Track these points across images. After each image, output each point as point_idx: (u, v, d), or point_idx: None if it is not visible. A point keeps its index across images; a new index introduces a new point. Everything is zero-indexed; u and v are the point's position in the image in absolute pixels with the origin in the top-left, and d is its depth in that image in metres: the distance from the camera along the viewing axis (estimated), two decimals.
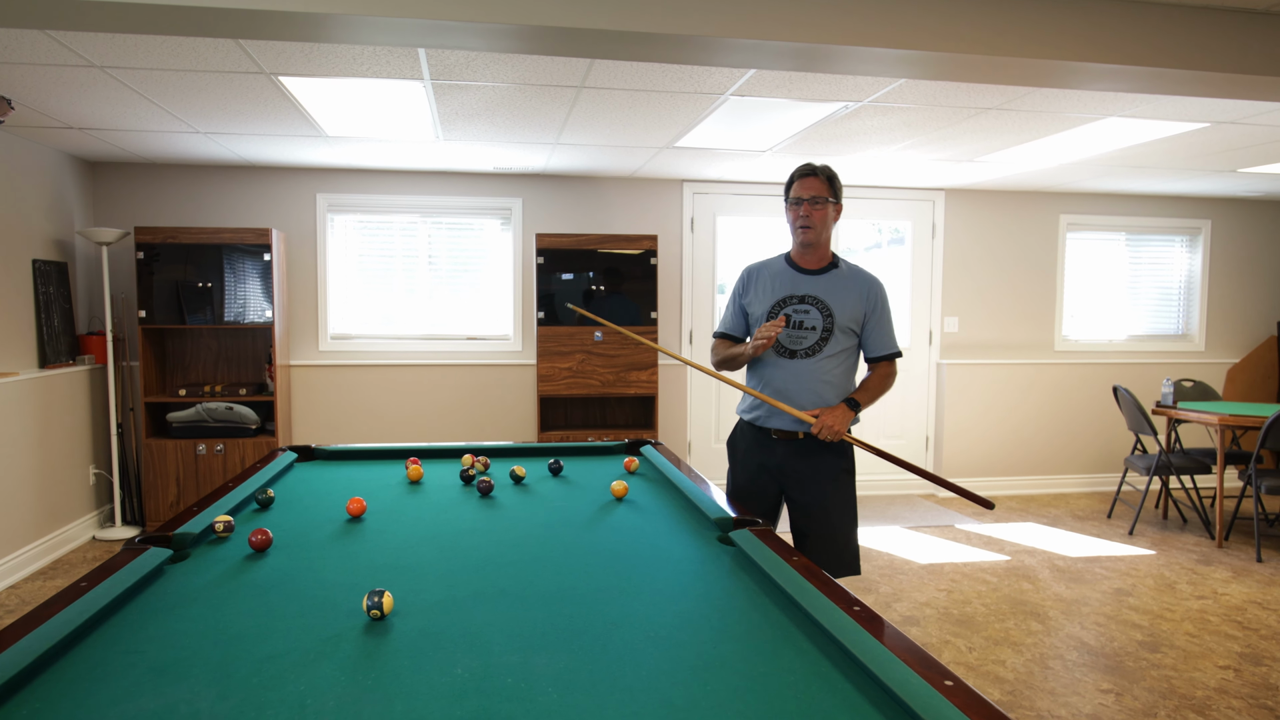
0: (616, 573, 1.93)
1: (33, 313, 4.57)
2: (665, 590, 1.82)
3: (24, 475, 4.37)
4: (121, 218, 5.32)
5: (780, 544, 2.02)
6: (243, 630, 1.58)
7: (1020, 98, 3.72)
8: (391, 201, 5.71)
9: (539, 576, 1.90)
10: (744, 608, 1.71)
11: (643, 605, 1.72)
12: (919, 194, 6.39)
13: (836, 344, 2.71)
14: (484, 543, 2.17)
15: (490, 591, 1.80)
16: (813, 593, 1.68)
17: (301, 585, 1.84)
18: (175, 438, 5.03)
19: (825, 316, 2.71)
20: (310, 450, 3.32)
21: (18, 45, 2.97)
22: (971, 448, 6.41)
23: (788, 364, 2.72)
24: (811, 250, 2.80)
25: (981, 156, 5.08)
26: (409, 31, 2.48)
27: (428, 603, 1.73)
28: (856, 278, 2.79)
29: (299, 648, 1.50)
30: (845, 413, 2.63)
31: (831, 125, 4.27)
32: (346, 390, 5.69)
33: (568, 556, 2.06)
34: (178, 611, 1.68)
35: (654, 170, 5.65)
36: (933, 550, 4.91)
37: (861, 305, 2.74)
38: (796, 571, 1.80)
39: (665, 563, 2.01)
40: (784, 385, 2.71)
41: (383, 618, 1.63)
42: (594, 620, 1.64)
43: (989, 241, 6.51)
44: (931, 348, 6.52)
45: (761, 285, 2.84)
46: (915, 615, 3.88)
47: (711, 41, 2.57)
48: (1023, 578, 4.42)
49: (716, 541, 2.18)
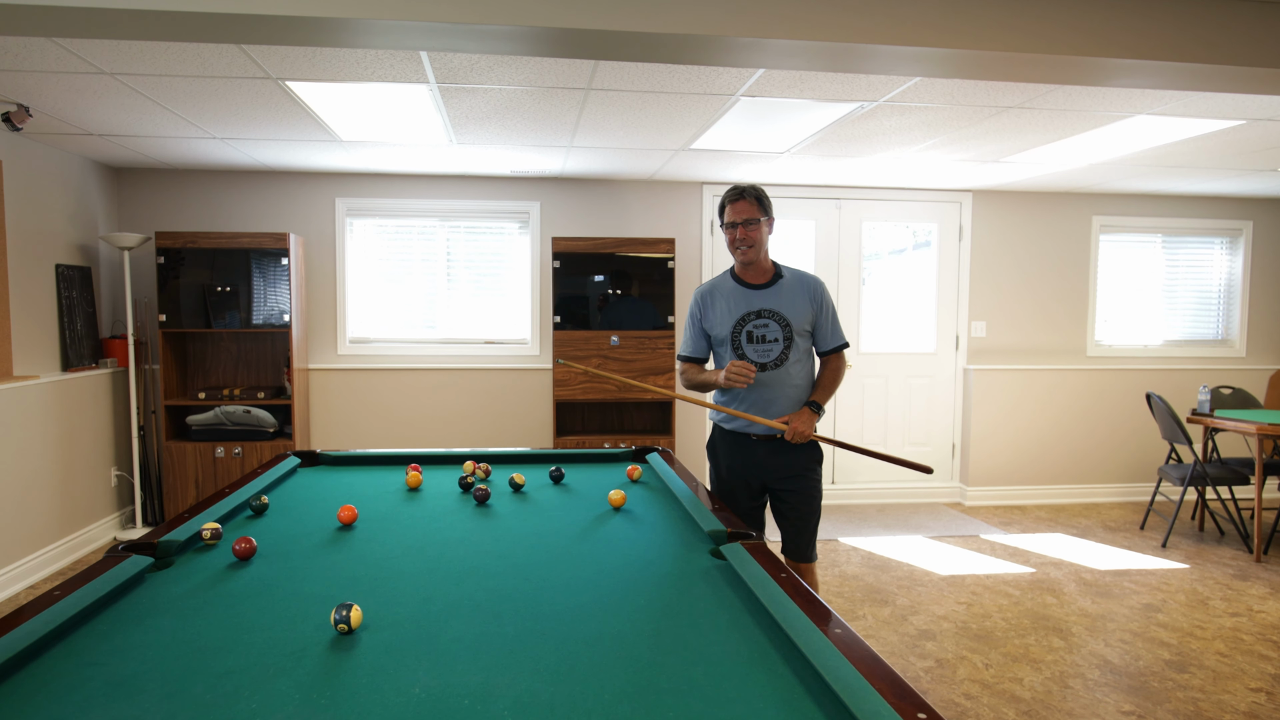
0: (599, 587, 1.88)
1: (55, 316, 4.64)
2: (646, 607, 1.76)
3: (46, 476, 4.44)
4: (145, 222, 5.39)
5: (770, 559, 1.95)
6: (207, 643, 1.55)
7: (1041, 95, 3.60)
8: (410, 205, 5.72)
9: (518, 590, 1.85)
10: (724, 627, 1.65)
11: (619, 623, 1.66)
12: (945, 195, 6.25)
13: (797, 349, 2.96)
14: (469, 553, 2.13)
15: (466, 605, 1.75)
16: (795, 613, 1.61)
17: (277, 596, 1.81)
18: (194, 440, 5.08)
19: (784, 327, 2.94)
20: (315, 455, 3.32)
21: (26, 53, 3.01)
22: (999, 455, 6.25)
23: (760, 376, 2.93)
24: (754, 266, 3.01)
25: (1007, 157, 4.94)
26: (410, 34, 2.45)
27: (399, 617, 1.69)
28: (801, 283, 3.02)
29: (260, 663, 1.47)
30: (810, 416, 2.92)
31: (849, 126, 4.18)
32: (364, 394, 5.71)
33: (552, 569, 2.01)
34: (146, 622, 1.66)
35: (673, 173, 5.59)
36: (954, 561, 4.78)
37: (811, 307, 2.98)
38: (782, 589, 1.73)
39: (651, 578, 1.95)
40: (760, 396, 2.95)
41: (350, 632, 1.59)
42: (566, 638, 1.58)
43: (1018, 244, 6.35)
44: (958, 353, 6.37)
45: (718, 306, 3.03)
46: (932, 629, 3.76)
47: (730, 41, 2.50)
48: (1047, 591, 4.28)
49: (708, 555, 2.12)
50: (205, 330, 5.14)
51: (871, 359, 6.30)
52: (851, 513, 5.96)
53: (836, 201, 6.18)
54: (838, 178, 5.73)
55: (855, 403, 6.28)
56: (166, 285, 5.02)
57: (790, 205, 6.12)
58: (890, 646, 3.57)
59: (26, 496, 4.28)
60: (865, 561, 4.76)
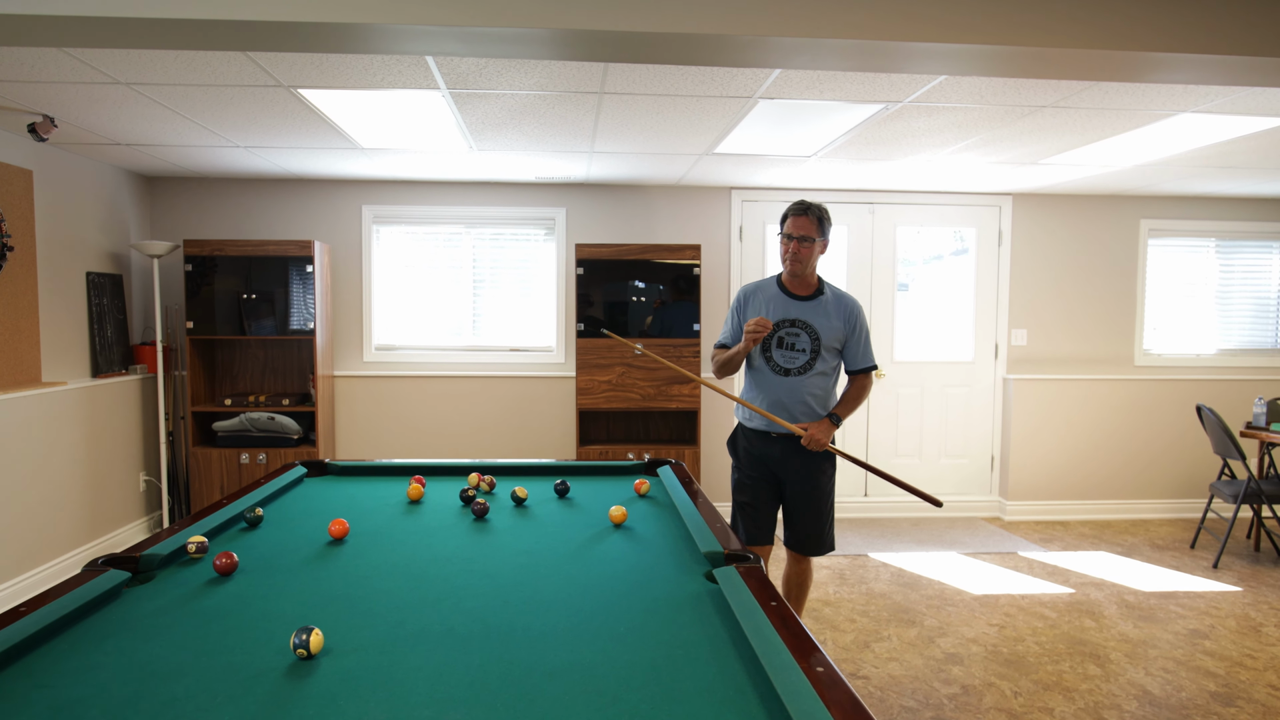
0: (580, 611, 1.79)
1: (86, 323, 4.72)
2: (624, 635, 1.66)
3: (74, 481, 4.50)
4: (177, 230, 5.47)
5: (763, 585, 1.84)
6: (163, 666, 1.50)
7: (1076, 94, 3.43)
8: (436, 212, 5.71)
9: (494, 613, 1.77)
10: (703, 659, 1.54)
11: (592, 652, 1.57)
12: (983, 199, 6.04)
13: (823, 363, 3.16)
14: (454, 572, 2.06)
15: (436, 630, 1.68)
16: (778, 647, 1.50)
17: (248, 615, 1.76)
18: (220, 447, 5.12)
19: (813, 339, 3.15)
20: (323, 465, 3.29)
21: (42, 64, 3.04)
22: (1040, 468, 6.01)
23: (782, 381, 3.17)
24: (800, 279, 3.21)
25: (1046, 159, 4.74)
26: (416, 38, 2.41)
27: (365, 641, 1.62)
28: (840, 303, 3.21)
29: (210, 690, 1.41)
30: (828, 426, 3.11)
31: (876, 128, 4.04)
32: (389, 401, 5.71)
33: (535, 591, 1.92)
34: (108, 642, 1.61)
35: (699, 178, 5.49)
36: (989, 580, 4.59)
37: (844, 328, 3.18)
38: (769, 619, 1.63)
39: (636, 602, 1.86)
40: (779, 398, 3.18)
41: (309, 657, 1.53)
42: (532, 668, 1.50)
43: (1061, 249, 6.11)
44: (997, 362, 6.15)
45: (758, 306, 3.25)
46: (959, 653, 3.60)
47: (749, 41, 2.40)
48: (1086, 613, 4.07)
49: (702, 578, 2.02)
50: (232, 337, 5.18)
51: (907, 368, 6.12)
52: (884, 527, 5.78)
53: (870, 206, 6.02)
54: (870, 181, 5.58)
55: (890, 412, 6.10)
56: (194, 292, 5.07)
57: None
58: (913, 671, 3.41)
59: (55, 500, 4.35)
60: (895, 579, 4.60)
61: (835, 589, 4.42)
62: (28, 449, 4.14)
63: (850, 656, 3.55)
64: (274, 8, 2.29)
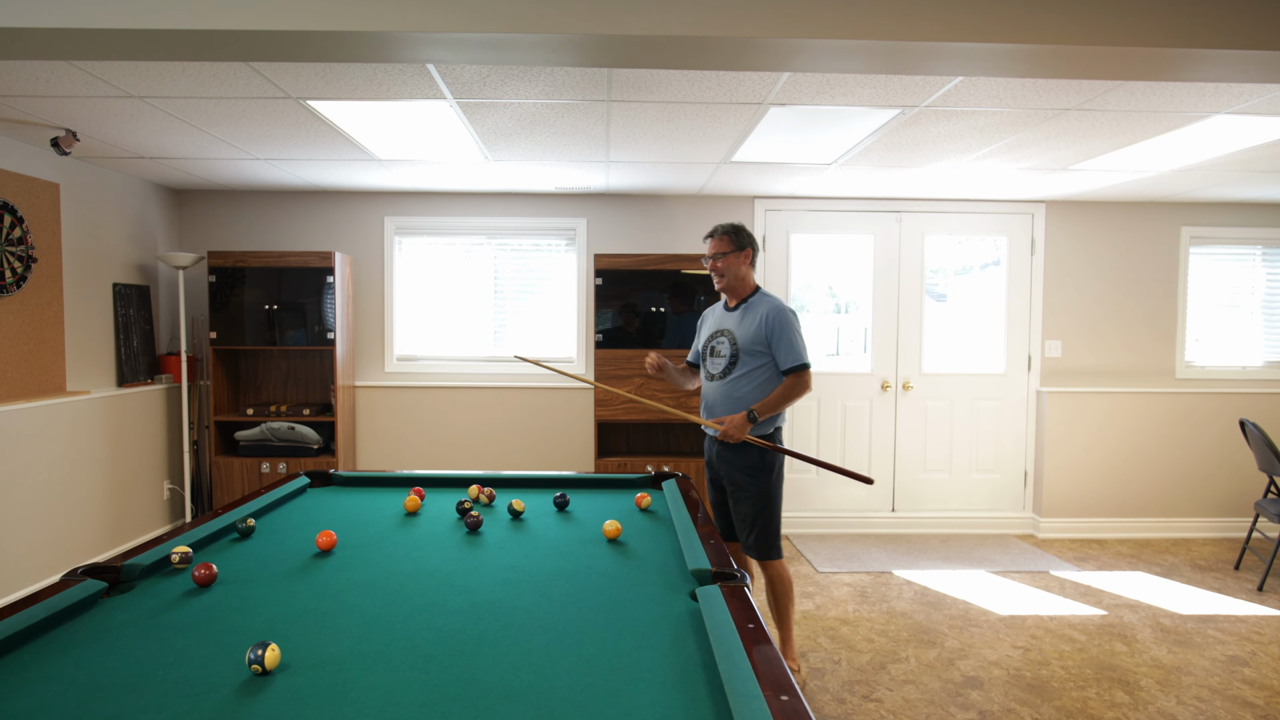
0: (553, 630, 1.73)
1: (112, 334, 4.80)
2: (593, 657, 1.60)
3: (97, 488, 4.57)
4: (204, 242, 5.56)
5: (743, 606, 1.76)
6: (116, 679, 1.48)
7: (1100, 96, 3.30)
8: (458, 223, 5.73)
9: (465, 630, 1.72)
10: (669, 683, 1.48)
11: (556, 674, 1.51)
12: (1015, 206, 5.88)
13: (744, 365, 3.33)
14: (433, 587, 2.02)
15: (401, 647, 1.63)
16: (745, 674, 1.42)
17: (216, 628, 1.73)
18: (242, 456, 5.17)
19: (733, 345, 3.38)
20: (327, 475, 3.28)
21: (56, 79, 3.09)
22: (1076, 484, 5.80)
23: (710, 385, 3.45)
24: (730, 291, 3.47)
25: (1076, 164, 4.59)
26: (417, 46, 2.41)
27: (325, 657, 1.58)
28: (761, 306, 3.37)
29: (156, 705, 1.38)
30: (743, 420, 3.23)
31: (894, 134, 3.94)
32: (409, 412, 5.72)
33: (511, 608, 1.87)
34: (71, 653, 1.60)
35: (720, 187, 5.43)
36: (1017, 600, 4.42)
37: (762, 330, 3.31)
38: (742, 643, 1.55)
39: (614, 622, 1.79)
40: (710, 401, 3.44)
41: (264, 673, 1.49)
42: (491, 688, 1.45)
43: (1097, 257, 5.91)
44: (1030, 374, 5.96)
45: (704, 326, 3.61)
46: (980, 676, 3.45)
47: (771, 44, 2.35)
48: (1118, 637, 3.89)
49: (687, 597, 1.95)
50: (255, 347, 5.24)
51: (936, 380, 5.96)
52: (911, 543, 5.62)
53: (896, 214, 5.89)
54: (896, 190, 5.46)
55: (917, 425, 5.95)
56: (218, 303, 5.14)
57: (845, 219, 5.87)
58: (929, 695, 3.28)
59: (79, 507, 4.42)
60: (918, 597, 4.45)
61: (855, 607, 4.29)
62: (51, 456, 4.22)
63: (864, 678, 3.43)
64: (275, 17, 2.29)
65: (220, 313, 5.15)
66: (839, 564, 5.08)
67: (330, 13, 2.28)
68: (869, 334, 5.94)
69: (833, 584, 4.68)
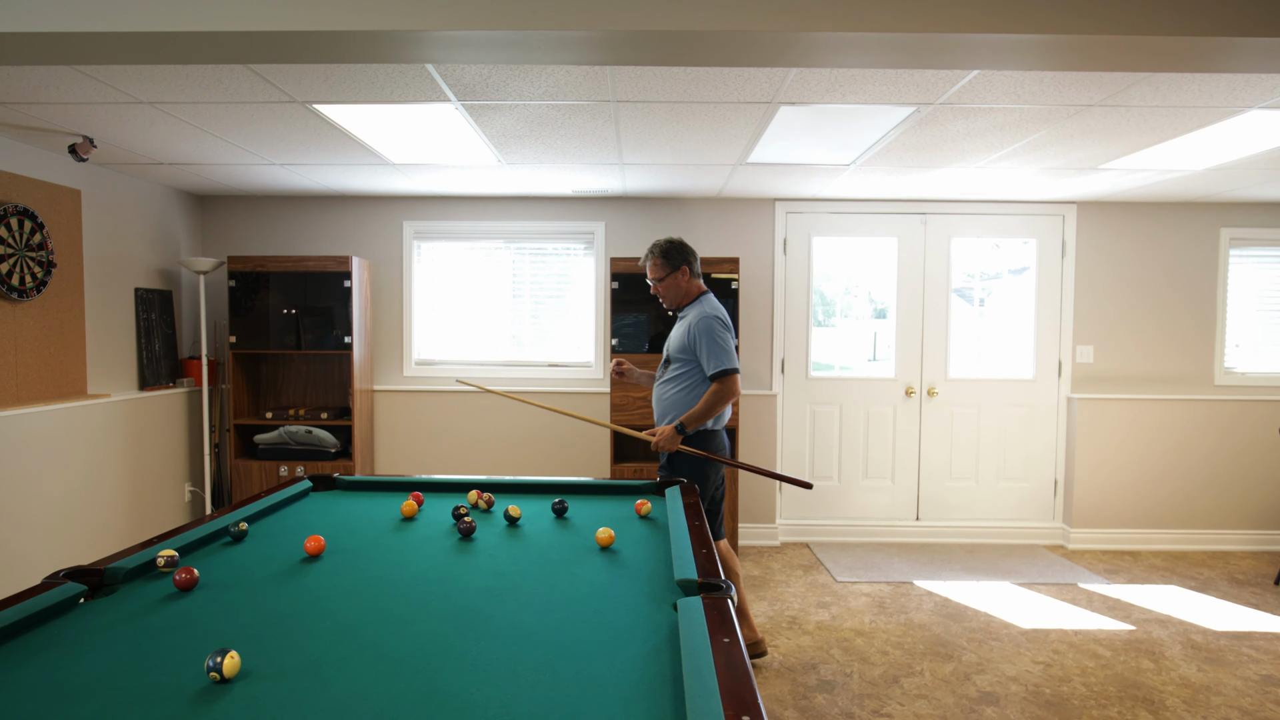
0: (527, 640, 1.69)
1: (134, 338, 4.87)
2: (563, 669, 1.55)
3: (117, 490, 4.64)
4: (228, 247, 5.62)
5: (721, 619, 1.70)
6: (76, 684, 1.46)
7: (1123, 91, 3.17)
8: (475, 228, 5.73)
9: (437, 640, 1.68)
10: (636, 698, 1.42)
11: (521, 686, 1.47)
12: (1045, 208, 5.72)
13: (673, 371, 3.55)
14: (414, 594, 1.98)
15: (366, 657, 1.60)
16: (709, 689, 1.36)
17: (187, 634, 1.71)
18: (261, 459, 5.21)
19: (666, 352, 3.60)
20: (331, 479, 3.27)
21: (64, 85, 3.13)
22: (1108, 494, 5.62)
23: (654, 390, 3.67)
24: (677, 306, 3.64)
25: (1106, 164, 4.44)
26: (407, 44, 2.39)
27: (290, 665, 1.55)
28: (690, 313, 3.53)
29: (112, 711, 1.36)
30: (672, 433, 3.41)
31: (911, 133, 3.84)
32: (428, 415, 5.72)
33: (489, 617, 1.83)
34: (39, 657, 1.59)
35: (739, 189, 5.36)
36: (1041, 613, 4.28)
37: (686, 338, 3.48)
38: (714, 659, 1.49)
39: (590, 632, 1.74)
40: (654, 402, 3.65)
41: (222, 680, 1.46)
42: (449, 700, 1.41)
43: (1132, 260, 5.73)
44: (1060, 380, 5.79)
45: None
46: (996, 692, 3.34)
47: (783, 39, 2.29)
48: (1145, 653, 3.74)
49: (670, 608, 1.89)
50: (274, 351, 5.28)
51: (961, 386, 5.82)
52: (935, 553, 5.48)
53: (921, 216, 5.77)
54: (921, 191, 5.34)
55: (943, 432, 5.81)
56: (238, 307, 5.19)
57: (869, 221, 5.76)
58: (943, 710, 3.18)
59: (99, 508, 4.48)
60: (938, 609, 4.33)
61: (872, 618, 4.18)
62: (71, 458, 4.28)
63: (875, 692, 3.33)
64: (275, 18, 2.28)
65: (240, 317, 5.20)
66: (858, 574, 4.97)
67: (327, 13, 2.27)
68: (893, 338, 5.82)
69: (850, 594, 4.57)
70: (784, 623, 4.12)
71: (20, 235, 3.94)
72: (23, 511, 3.98)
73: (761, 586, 4.71)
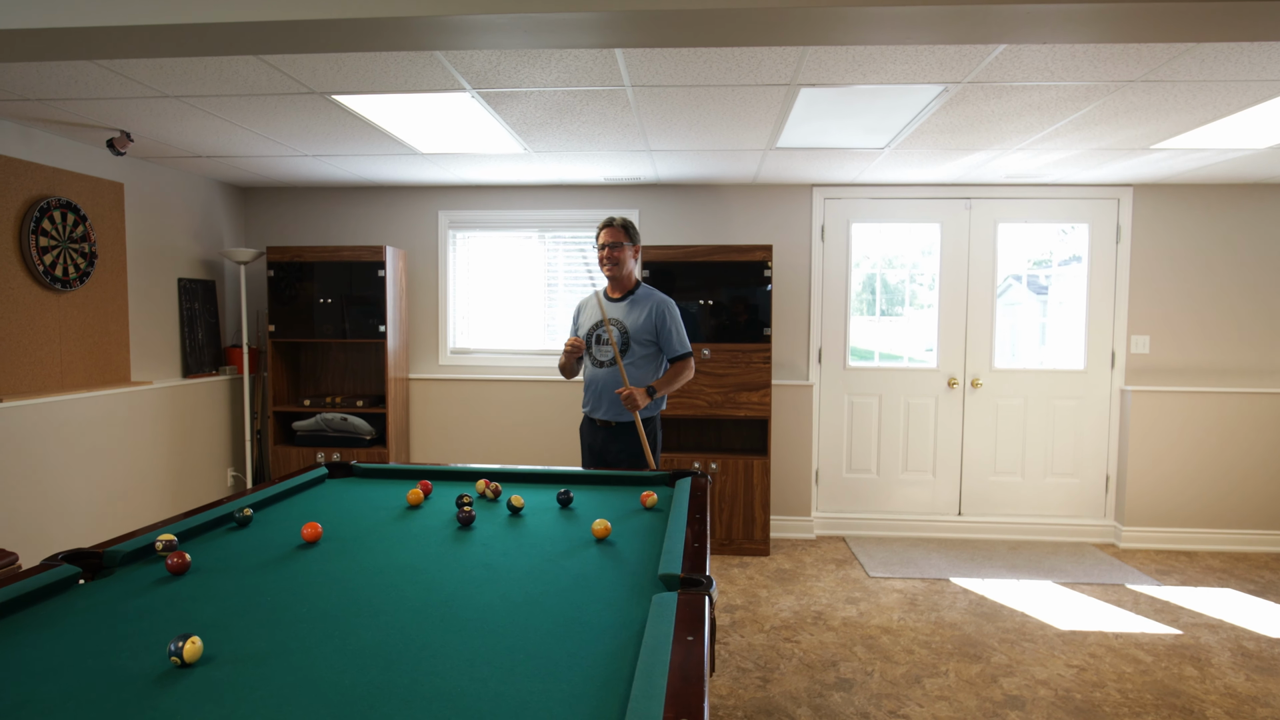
0: (493, 634, 1.66)
1: (177, 327, 5.01)
2: (523, 663, 1.52)
3: (161, 474, 4.79)
4: (270, 238, 5.75)
5: (691, 617, 1.65)
6: (40, 665, 1.50)
7: (1166, 64, 2.99)
8: (510, 217, 5.74)
9: (405, 630, 1.67)
10: (588, 695, 1.39)
11: (475, 680, 1.44)
12: (1098, 191, 5.47)
13: (635, 353, 3.65)
14: (395, 584, 1.98)
15: (331, 646, 1.60)
16: (656, 690, 1.32)
17: (166, 617, 1.74)
18: (299, 445, 5.33)
19: (623, 333, 3.67)
20: (348, 466, 3.31)
21: (88, 80, 3.21)
22: (1164, 491, 5.36)
23: (599, 371, 3.70)
24: (617, 282, 3.75)
25: (1159, 143, 4.21)
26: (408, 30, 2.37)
27: (251, 652, 1.56)
28: (649, 299, 3.71)
29: (71, 693, 1.39)
30: (644, 393, 3.55)
31: (943, 114, 3.70)
32: (462, 404, 5.77)
33: (463, 608, 1.81)
34: (16, 637, 1.63)
35: (774, 175, 5.25)
36: (1082, 614, 4.10)
37: (651, 321, 3.65)
38: (672, 655, 1.45)
39: (560, 627, 1.71)
40: (600, 387, 3.69)
41: (183, 665, 1.48)
42: (397, 691, 1.40)
43: (1193, 245, 5.44)
44: (1114, 371, 5.54)
45: (585, 314, 3.84)
46: (1023, 696, 3.21)
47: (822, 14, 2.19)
48: (1189, 660, 3.56)
49: (649, 603, 1.84)
50: (310, 340, 5.38)
51: (1007, 377, 5.62)
52: (976, 549, 5.31)
53: (966, 201, 5.57)
54: (964, 175, 5.15)
55: (987, 424, 5.62)
56: (277, 297, 5.31)
57: (910, 207, 5.59)
58: (963, 713, 3.07)
59: (141, 491, 4.64)
60: (972, 608, 4.19)
61: (901, 616, 4.07)
62: (114, 443, 4.43)
63: (895, 692, 3.24)
64: (287, 7, 2.29)
65: (279, 306, 5.31)
66: (893, 569, 4.85)
67: (330, 1, 2.26)
68: (935, 328, 5.65)
69: (881, 590, 4.46)
70: (809, 618, 4.04)
71: (63, 228, 4.08)
72: (67, 494, 4.14)
73: (790, 580, 4.63)
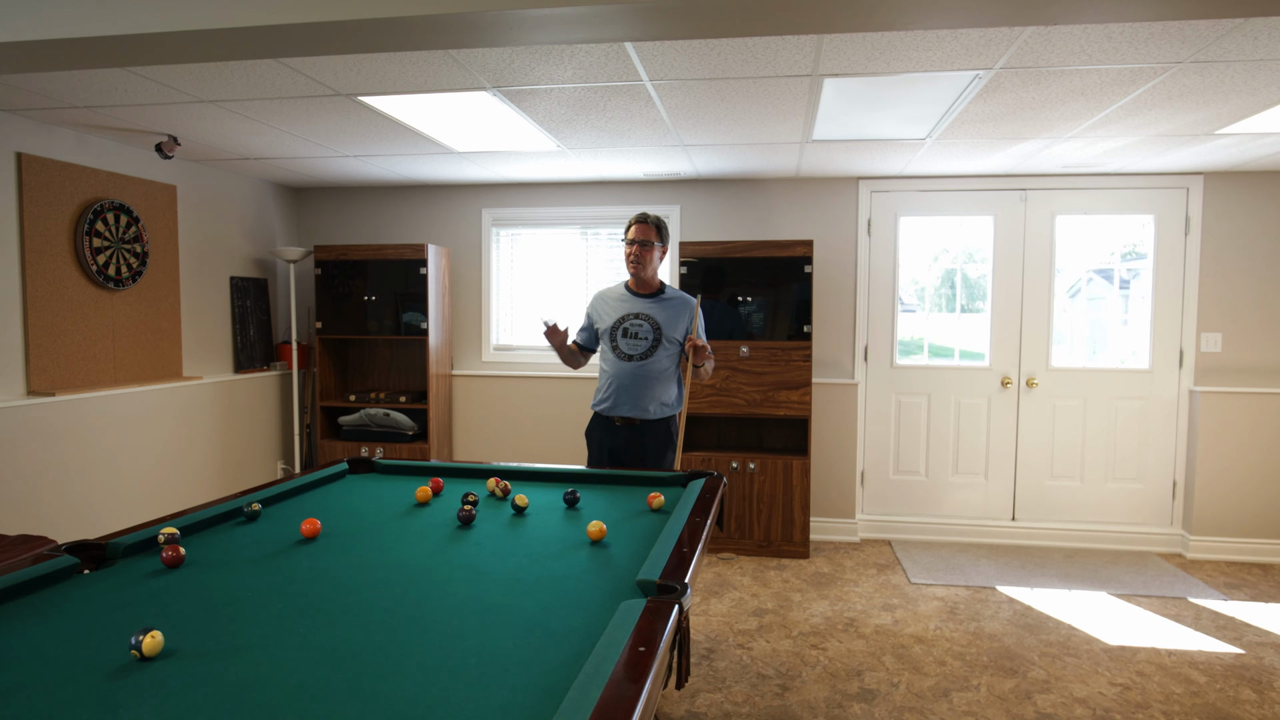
0: (455, 635, 1.65)
1: (229, 324, 5.19)
2: (473, 669, 1.50)
3: (211, 465, 4.97)
4: (319, 237, 5.90)
5: (650, 626, 1.60)
6: (14, 655, 1.54)
7: (1214, 43, 2.78)
8: (552, 214, 5.75)
9: (365, 631, 1.67)
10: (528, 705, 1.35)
11: (416, 684, 1.43)
12: (1164, 180, 5.16)
13: (664, 351, 3.64)
14: (373, 581, 1.99)
15: (290, 642, 1.61)
16: (584, 704, 1.28)
17: (145, 610, 1.78)
18: (344, 440, 5.46)
19: (655, 330, 3.65)
20: (369, 463, 3.36)
21: (127, 88, 3.33)
22: (1236, 499, 5.04)
23: (628, 365, 3.64)
24: (642, 280, 3.73)
25: (1223, 128, 3.94)
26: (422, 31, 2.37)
27: (212, 648, 1.58)
28: (681, 299, 3.74)
29: (27, 684, 1.43)
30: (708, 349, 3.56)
31: (980, 102, 3.54)
32: (504, 400, 5.82)
33: (432, 609, 1.80)
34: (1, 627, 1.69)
35: (816, 168, 5.12)
36: (1135, 628, 3.88)
37: (686, 320, 3.69)
38: (619, 666, 1.41)
39: (525, 631, 1.68)
40: (624, 381, 3.64)
41: (142, 659, 1.51)
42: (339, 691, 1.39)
43: (1267, 237, 5.09)
44: (1181, 371, 5.23)
45: (606, 307, 3.79)
46: (1057, 714, 3.04)
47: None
48: (1249, 682, 3.32)
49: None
50: (355, 336, 5.50)
51: (1065, 376, 5.36)
52: (1028, 556, 5.09)
53: (1021, 192, 5.34)
54: (1017, 165, 4.93)
55: (1044, 426, 5.37)
56: (325, 294, 5.44)
57: (961, 199, 5.38)
58: None
59: (191, 481, 4.82)
60: (1016, 618, 4.01)
61: (938, 625, 3.92)
62: (165, 435, 4.62)
63: (919, 705, 3.12)
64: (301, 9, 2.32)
65: (326, 303, 5.45)
66: (936, 575, 4.68)
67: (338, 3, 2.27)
68: (988, 324, 5.43)
69: (921, 597, 4.31)
70: (840, 625, 3.93)
71: (116, 229, 4.26)
72: (119, 485, 4.33)
73: (827, 585, 4.52)
